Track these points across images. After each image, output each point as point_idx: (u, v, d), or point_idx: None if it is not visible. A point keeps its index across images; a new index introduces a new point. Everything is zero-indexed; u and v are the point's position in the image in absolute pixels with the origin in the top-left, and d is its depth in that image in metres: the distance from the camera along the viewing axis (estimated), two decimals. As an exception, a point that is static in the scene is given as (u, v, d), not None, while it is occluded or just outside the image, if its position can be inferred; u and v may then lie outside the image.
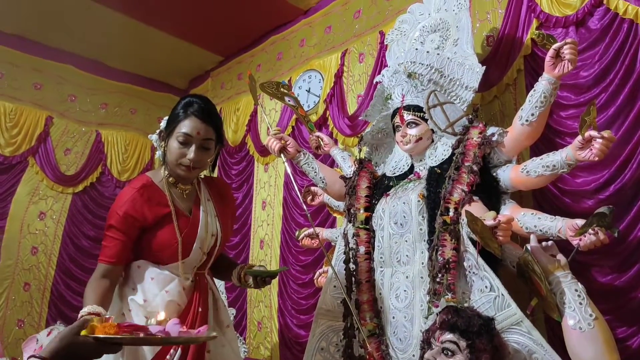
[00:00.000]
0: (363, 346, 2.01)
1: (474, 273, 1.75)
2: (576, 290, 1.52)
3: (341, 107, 3.28)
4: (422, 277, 1.93)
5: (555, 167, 1.78)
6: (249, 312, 3.67)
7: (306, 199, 2.76)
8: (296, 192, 2.73)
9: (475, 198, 1.86)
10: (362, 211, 2.20)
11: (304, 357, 2.10)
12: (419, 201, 2.00)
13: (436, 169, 2.05)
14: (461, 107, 2.12)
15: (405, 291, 1.98)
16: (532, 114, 1.86)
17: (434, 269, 1.83)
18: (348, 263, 2.12)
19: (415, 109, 2.14)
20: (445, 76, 2.14)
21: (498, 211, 1.87)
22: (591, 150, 1.65)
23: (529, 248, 1.60)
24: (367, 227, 2.17)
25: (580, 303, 1.50)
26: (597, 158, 1.65)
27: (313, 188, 2.75)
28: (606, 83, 2.10)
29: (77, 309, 1.67)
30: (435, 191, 1.98)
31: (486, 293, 1.69)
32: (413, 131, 2.13)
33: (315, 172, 2.32)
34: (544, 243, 1.65)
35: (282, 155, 2.25)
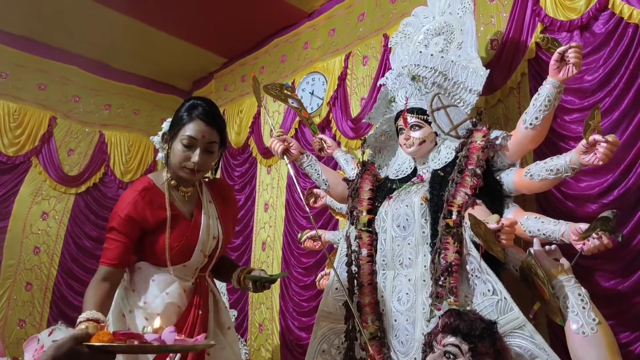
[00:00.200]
0: (364, 349, 2.00)
1: (477, 276, 1.75)
2: (579, 294, 1.51)
3: (344, 110, 3.29)
4: (425, 280, 1.92)
5: (559, 171, 1.77)
6: (250, 314, 3.67)
7: (309, 201, 2.76)
8: (299, 194, 2.73)
9: (478, 201, 1.86)
10: (365, 214, 2.19)
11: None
12: (422, 204, 1.99)
13: (439, 172, 2.05)
14: (465, 111, 2.12)
15: (407, 294, 1.97)
16: (536, 118, 1.85)
17: (437, 272, 1.82)
18: (350, 265, 2.12)
19: (418, 112, 2.14)
20: (449, 79, 2.14)
21: (501, 215, 1.86)
22: (595, 154, 1.65)
23: (532, 252, 1.59)
24: (370, 230, 2.16)
25: (583, 307, 1.49)
26: (601, 162, 1.64)
27: (316, 190, 2.75)
28: (610, 87, 2.10)
29: (79, 309, 1.67)
30: (438, 194, 1.97)
31: (489, 296, 1.69)
32: (416, 134, 2.13)
33: (318, 175, 2.32)
34: (547, 247, 1.65)
35: (285, 157, 2.25)
